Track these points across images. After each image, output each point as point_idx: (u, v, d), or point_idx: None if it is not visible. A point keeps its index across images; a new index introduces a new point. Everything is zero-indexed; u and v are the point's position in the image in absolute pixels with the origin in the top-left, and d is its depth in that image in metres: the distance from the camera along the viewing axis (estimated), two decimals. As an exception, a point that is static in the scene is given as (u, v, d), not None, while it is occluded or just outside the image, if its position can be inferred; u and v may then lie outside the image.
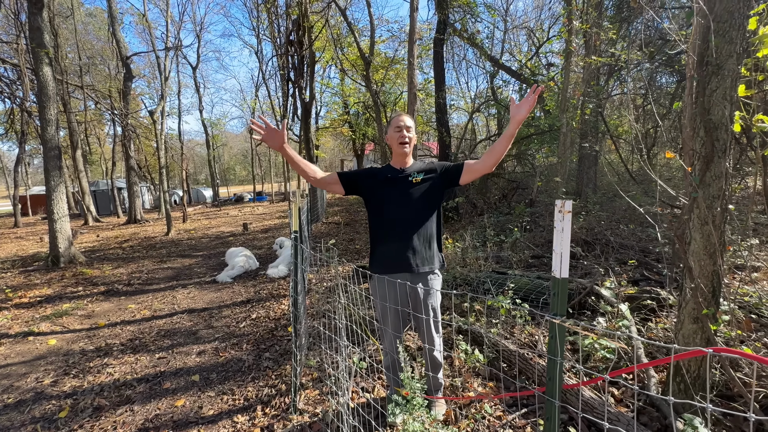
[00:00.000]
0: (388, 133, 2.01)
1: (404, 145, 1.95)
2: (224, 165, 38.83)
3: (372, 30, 7.59)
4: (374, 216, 2.01)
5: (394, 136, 1.97)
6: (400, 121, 1.97)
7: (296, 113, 11.67)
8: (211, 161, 21.94)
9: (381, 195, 1.97)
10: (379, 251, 1.99)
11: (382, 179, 1.99)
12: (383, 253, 1.97)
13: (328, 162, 53.78)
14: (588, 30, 5.78)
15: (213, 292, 5.06)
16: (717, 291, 1.86)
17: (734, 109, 1.79)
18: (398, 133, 1.95)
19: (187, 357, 3.23)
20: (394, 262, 1.94)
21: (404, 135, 1.94)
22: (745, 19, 1.70)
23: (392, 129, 1.98)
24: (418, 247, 1.92)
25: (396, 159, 2.03)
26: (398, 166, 2.01)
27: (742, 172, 5.93)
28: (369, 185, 2.00)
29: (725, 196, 1.82)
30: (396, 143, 1.96)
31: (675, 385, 1.98)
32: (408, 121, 1.98)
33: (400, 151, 1.97)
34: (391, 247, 1.93)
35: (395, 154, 2.02)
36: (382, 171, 2.03)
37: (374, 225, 2.02)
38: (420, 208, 1.95)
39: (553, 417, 0.93)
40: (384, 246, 1.97)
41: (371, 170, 2.05)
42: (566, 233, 0.86)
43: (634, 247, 4.45)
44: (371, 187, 2.00)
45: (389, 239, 1.94)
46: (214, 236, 9.93)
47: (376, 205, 2.00)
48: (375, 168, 2.08)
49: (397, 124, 1.96)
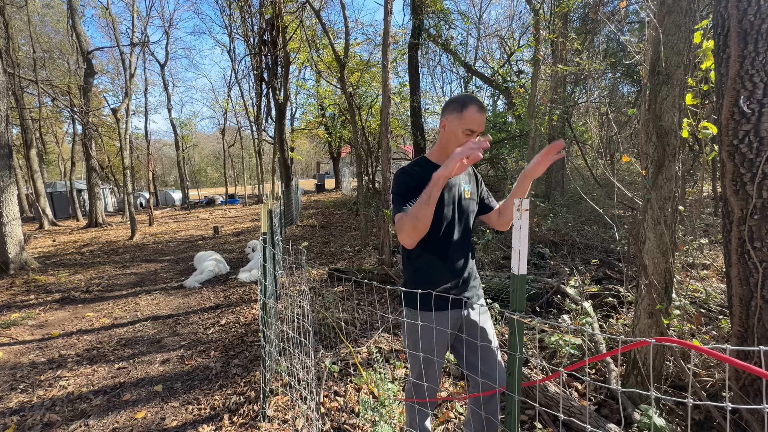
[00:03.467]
0: (452, 123, 1.39)
1: None
2: (195, 166, 37.49)
3: (347, 32, 7.59)
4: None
5: (459, 136, 1.38)
6: (477, 122, 1.36)
7: (270, 114, 11.47)
8: (181, 162, 21.12)
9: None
10: (428, 278, 1.48)
11: None
12: (432, 280, 1.47)
13: (304, 164, 53.13)
14: (555, 40, 6.04)
15: (180, 297, 4.86)
16: (669, 287, 1.98)
17: (683, 116, 1.91)
18: (467, 137, 1.37)
19: (149, 366, 3.07)
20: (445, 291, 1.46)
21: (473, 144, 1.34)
22: (690, 33, 1.83)
23: (461, 124, 1.37)
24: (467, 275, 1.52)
25: (443, 156, 1.45)
26: None
27: (695, 176, 6.35)
28: (423, 186, 1.37)
29: (675, 197, 1.94)
30: (456, 145, 1.38)
31: (633, 377, 2.09)
32: (484, 122, 1.39)
33: None
34: (446, 276, 1.48)
35: (446, 152, 1.44)
36: (428, 169, 1.38)
37: (424, 244, 1.44)
38: (468, 229, 1.54)
39: (514, 411, 0.95)
40: (435, 273, 1.48)
41: (417, 177, 1.42)
42: (524, 231, 0.88)
43: (597, 247, 4.66)
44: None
45: (443, 262, 1.47)
46: (183, 240, 9.55)
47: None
48: (415, 170, 1.46)
49: (470, 124, 1.36)
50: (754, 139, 1.48)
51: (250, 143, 25.76)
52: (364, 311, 3.85)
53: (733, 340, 1.69)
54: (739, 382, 1.69)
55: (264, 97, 11.45)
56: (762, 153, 1.46)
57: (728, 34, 1.51)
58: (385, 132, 5.15)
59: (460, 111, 1.37)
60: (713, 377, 2.00)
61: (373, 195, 10.67)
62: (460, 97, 1.42)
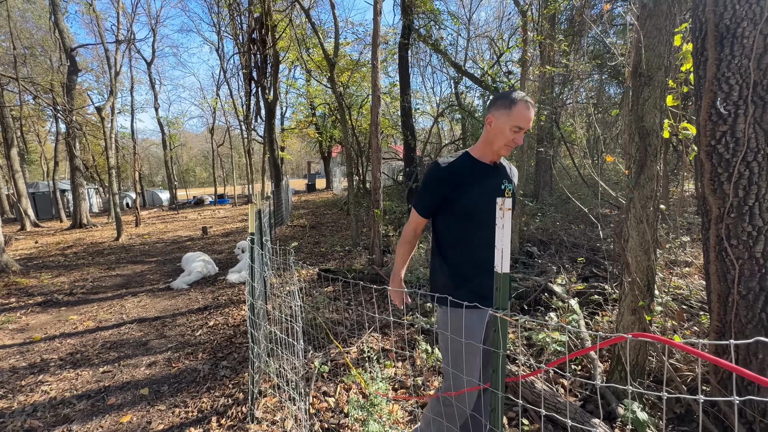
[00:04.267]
0: (499, 119, 1.37)
1: (510, 149, 1.43)
2: (183, 166, 36.93)
3: (336, 32, 7.56)
4: (465, 223, 1.43)
5: (506, 132, 1.36)
6: (526, 118, 1.35)
7: (259, 113, 11.37)
8: (168, 162, 20.77)
9: (477, 198, 1.40)
10: (465, 274, 1.45)
11: (478, 177, 1.43)
12: (469, 278, 1.45)
13: (295, 164, 52.79)
14: (543, 41, 6.11)
15: (167, 299, 4.78)
16: (651, 284, 2.02)
17: (664, 117, 1.96)
18: (515, 134, 1.37)
19: (135, 370, 3.02)
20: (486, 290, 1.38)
21: (521, 141, 1.39)
22: (671, 36, 1.88)
23: (509, 120, 1.35)
24: None
25: (488, 153, 1.45)
26: (491, 162, 1.47)
27: (679, 176, 6.50)
28: (460, 183, 1.41)
29: (657, 197, 1.98)
30: (503, 142, 1.39)
31: (617, 373, 2.13)
32: (532, 119, 1.38)
33: (503, 153, 1.44)
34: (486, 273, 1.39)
35: (491, 148, 1.44)
36: (470, 165, 1.43)
37: (463, 237, 1.44)
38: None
39: (498, 408, 0.96)
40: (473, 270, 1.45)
41: (453, 171, 1.43)
42: (506, 230, 0.90)
43: (584, 245, 4.73)
44: (463, 185, 1.41)
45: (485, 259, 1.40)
46: (170, 241, 9.41)
47: (468, 211, 1.41)
48: (452, 165, 1.43)
49: (519, 121, 1.34)
50: (730, 140, 1.53)
51: (239, 143, 25.50)
52: (354, 311, 3.85)
53: (711, 335, 1.74)
54: (718, 376, 1.74)
55: (253, 96, 11.33)
56: (738, 153, 1.51)
57: (706, 37, 1.56)
58: (374, 132, 5.15)
59: (509, 107, 1.35)
60: (693, 371, 2.05)
61: (364, 195, 10.66)
62: (508, 93, 1.38)
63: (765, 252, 1.50)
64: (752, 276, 1.54)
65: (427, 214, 1.51)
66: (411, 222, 1.57)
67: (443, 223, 1.48)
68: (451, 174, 1.41)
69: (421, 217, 1.52)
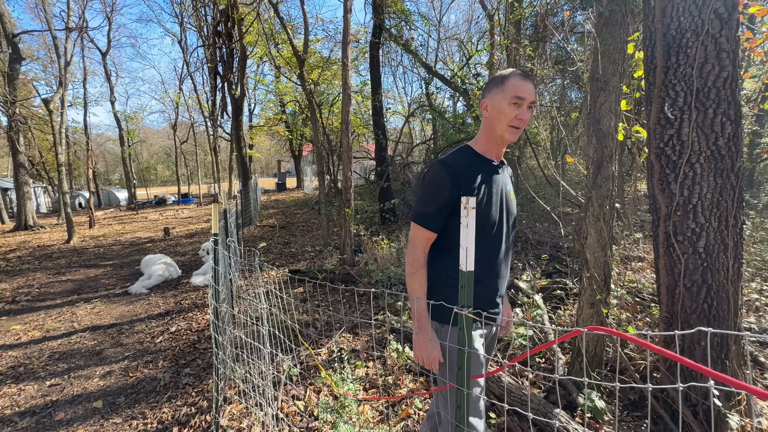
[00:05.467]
0: (495, 99, 1.21)
1: (516, 131, 1.20)
2: (143, 164, 34.90)
3: (306, 28, 7.42)
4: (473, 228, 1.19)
5: (506, 110, 1.18)
6: (524, 88, 1.17)
7: (226, 109, 10.97)
8: (127, 159, 19.54)
9: (488, 200, 1.21)
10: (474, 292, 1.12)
11: (486, 178, 1.23)
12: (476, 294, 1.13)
13: (264, 162, 51.40)
14: (509, 45, 6.31)
15: (124, 305, 4.50)
16: (608, 279, 2.14)
17: (618, 121, 2.07)
18: (516, 108, 1.17)
19: (87, 381, 2.82)
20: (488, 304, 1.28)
21: (525, 115, 1.18)
22: (624, 44, 1.98)
23: (505, 95, 1.18)
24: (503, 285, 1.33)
25: (491, 144, 1.27)
26: (496, 159, 1.28)
27: (633, 176, 6.92)
28: (471, 183, 1.20)
29: (613, 196, 2.09)
30: (505, 123, 1.19)
31: (577, 364, 2.23)
32: (532, 91, 1.18)
33: (508, 137, 1.21)
34: (492, 288, 1.29)
35: (495, 137, 1.24)
36: (478, 163, 1.24)
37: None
38: (513, 235, 1.35)
39: (464, 404, 0.97)
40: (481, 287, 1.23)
41: (468, 165, 1.23)
42: (471, 228, 0.91)
43: (548, 243, 4.94)
44: (476, 186, 1.20)
45: (491, 273, 1.27)
46: (129, 243, 8.87)
47: (480, 216, 1.20)
48: (456, 160, 1.23)
49: (516, 91, 1.16)
50: (677, 143, 1.64)
51: (204, 140, 24.45)
52: (325, 312, 3.80)
53: (661, 326, 1.86)
54: (667, 363, 1.86)
55: (219, 91, 10.91)
56: (683, 155, 1.62)
57: (655, 46, 1.66)
58: (345, 131, 5.10)
59: (502, 83, 1.19)
60: (645, 360, 2.19)
61: (335, 194, 10.56)
62: (498, 73, 1.25)
63: (707, 247, 1.63)
64: (696, 270, 1.65)
65: (436, 227, 1.21)
66: (417, 241, 1.24)
67: (445, 230, 1.23)
68: (461, 175, 1.18)
69: (429, 231, 1.22)
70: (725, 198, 1.59)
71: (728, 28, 1.48)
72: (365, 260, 5.11)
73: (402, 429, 2.09)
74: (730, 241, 1.61)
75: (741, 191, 1.60)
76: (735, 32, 1.48)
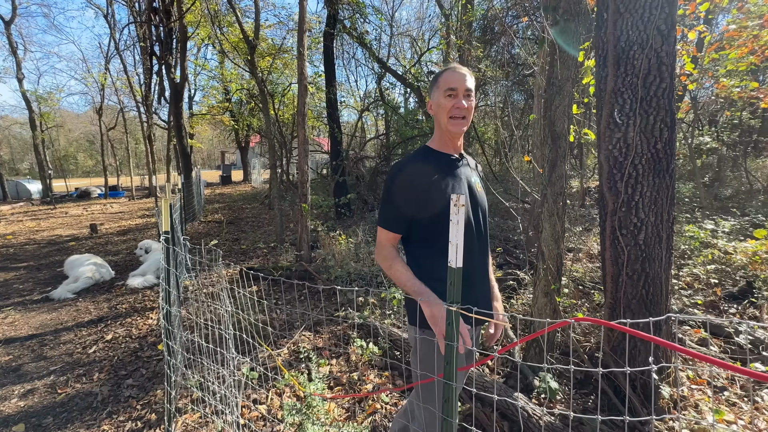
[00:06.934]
0: (434, 96, 1.27)
1: (458, 121, 1.22)
2: (60, 151, 30.70)
3: (257, 11, 7.02)
4: (436, 225, 1.21)
5: (443, 103, 1.22)
6: (454, 78, 1.21)
7: (163, 95, 10.03)
8: (40, 146, 17.06)
9: (446, 189, 1.22)
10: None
11: (445, 172, 1.24)
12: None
13: (206, 153, 48.02)
14: (462, 45, 6.52)
15: (46, 313, 3.96)
16: (560, 270, 2.31)
17: (571, 123, 2.23)
18: (452, 99, 1.21)
19: (3, 403, 2.44)
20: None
21: (461, 104, 1.20)
22: (578, 52, 2.14)
23: (440, 91, 1.23)
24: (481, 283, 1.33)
25: (444, 139, 1.29)
26: (454, 152, 1.31)
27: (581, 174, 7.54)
28: (430, 183, 1.21)
29: (565, 193, 2.26)
30: (446, 116, 1.22)
31: (533, 349, 2.39)
32: (469, 80, 1.22)
33: (452, 129, 1.23)
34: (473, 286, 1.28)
35: (444, 132, 1.27)
36: (433, 160, 1.26)
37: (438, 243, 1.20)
38: (487, 227, 1.35)
39: (451, 398, 0.98)
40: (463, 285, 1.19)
41: (424, 166, 1.24)
42: (460, 225, 0.92)
43: (499, 236, 5.22)
44: (434, 184, 1.21)
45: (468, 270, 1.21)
46: (46, 242, 7.80)
47: (445, 211, 1.10)
48: (416, 162, 1.26)
49: (449, 83, 1.21)
50: (623, 145, 1.81)
51: (136, 127, 22.18)
52: (283, 311, 3.66)
53: (606, 311, 2.06)
54: (610, 344, 2.07)
55: (156, 74, 9.92)
56: (629, 157, 1.79)
57: (607, 56, 1.80)
58: (302, 123, 4.93)
59: (436, 81, 1.26)
60: (590, 342, 2.41)
61: (288, 188, 10.19)
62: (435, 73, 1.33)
63: (646, 240, 1.82)
64: (636, 260, 1.85)
65: (399, 229, 1.25)
66: (382, 242, 1.27)
67: (414, 228, 1.25)
68: (417, 173, 1.21)
69: (392, 233, 1.26)
70: (661, 195, 1.79)
71: (668, 44, 1.66)
72: (323, 256, 5.01)
73: (370, 423, 2.09)
74: (664, 234, 1.82)
75: (673, 190, 1.82)
76: (673, 48, 1.66)
